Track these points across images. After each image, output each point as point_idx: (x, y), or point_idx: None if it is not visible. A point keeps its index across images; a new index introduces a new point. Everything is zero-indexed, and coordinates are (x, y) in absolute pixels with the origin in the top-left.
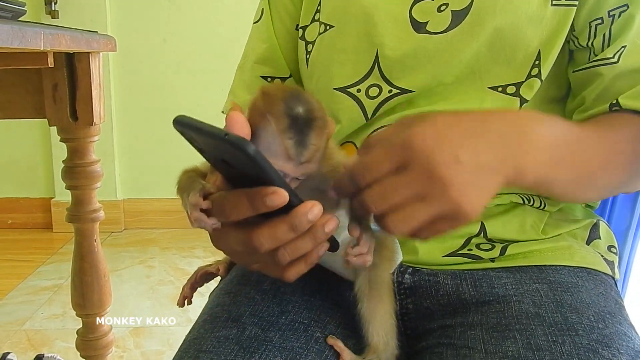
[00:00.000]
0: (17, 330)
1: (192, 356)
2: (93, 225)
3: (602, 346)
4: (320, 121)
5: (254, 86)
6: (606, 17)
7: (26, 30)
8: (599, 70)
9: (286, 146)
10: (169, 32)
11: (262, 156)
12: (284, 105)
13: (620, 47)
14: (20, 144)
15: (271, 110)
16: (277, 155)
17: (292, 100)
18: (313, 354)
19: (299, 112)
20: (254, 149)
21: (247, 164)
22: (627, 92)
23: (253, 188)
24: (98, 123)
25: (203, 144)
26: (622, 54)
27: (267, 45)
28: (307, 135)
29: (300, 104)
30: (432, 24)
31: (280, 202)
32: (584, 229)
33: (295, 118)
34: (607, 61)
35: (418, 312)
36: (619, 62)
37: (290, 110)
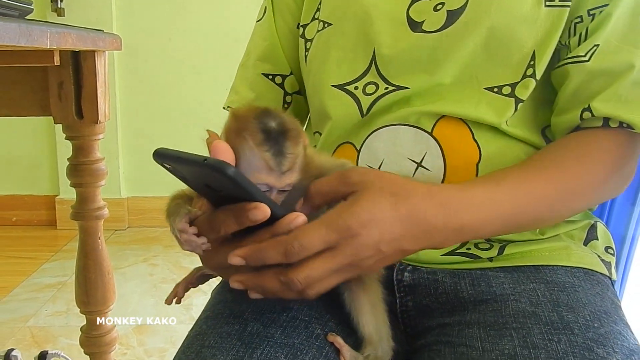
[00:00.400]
0: (21, 327)
1: (195, 351)
2: (97, 222)
3: (597, 345)
4: (294, 131)
5: (255, 83)
6: (586, 16)
7: (33, 28)
8: (568, 68)
9: (265, 159)
10: (174, 31)
11: (242, 175)
12: (256, 122)
13: (593, 45)
14: (25, 141)
15: (246, 129)
16: (259, 169)
17: (262, 116)
18: (314, 350)
19: (272, 126)
20: (233, 169)
21: (228, 185)
22: (599, 96)
23: (236, 205)
24: (103, 121)
25: (185, 172)
26: (595, 53)
27: (268, 43)
28: (283, 145)
29: (271, 119)
30: (428, 23)
31: (263, 216)
32: (581, 230)
33: (269, 131)
34: (578, 59)
35: (417, 309)
36: (589, 61)
37: (264, 125)
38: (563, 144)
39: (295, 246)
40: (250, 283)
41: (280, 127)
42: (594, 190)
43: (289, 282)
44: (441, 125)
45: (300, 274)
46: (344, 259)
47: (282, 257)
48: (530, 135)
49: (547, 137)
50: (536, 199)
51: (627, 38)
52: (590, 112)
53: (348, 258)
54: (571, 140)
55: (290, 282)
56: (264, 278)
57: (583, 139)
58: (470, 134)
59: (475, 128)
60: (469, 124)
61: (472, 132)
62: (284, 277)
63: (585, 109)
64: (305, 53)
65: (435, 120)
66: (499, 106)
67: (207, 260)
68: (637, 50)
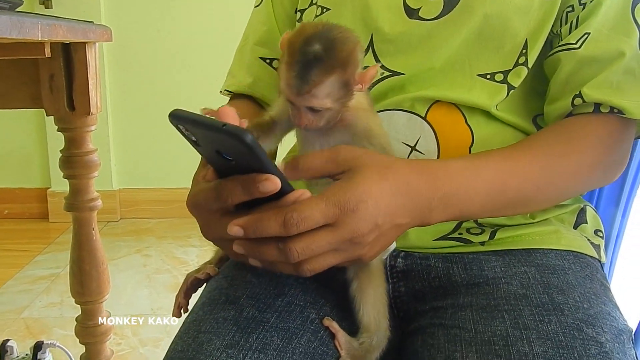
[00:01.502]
0: (15, 318)
1: (191, 337)
2: (91, 214)
3: (587, 325)
4: (332, 61)
5: (252, 67)
6: (577, 5)
7: (24, 20)
8: (559, 55)
9: (288, 78)
10: (162, 23)
11: (258, 145)
12: (303, 41)
13: (584, 33)
14: (16, 134)
15: (291, 45)
16: (285, 85)
17: (312, 38)
18: (309, 334)
19: (308, 50)
20: (250, 137)
21: (243, 154)
22: (590, 82)
23: (248, 174)
24: (95, 113)
25: (199, 137)
26: (586, 41)
27: (266, 27)
28: (309, 71)
29: (318, 42)
30: (425, 10)
31: (273, 189)
32: (571, 214)
33: (305, 54)
34: (569, 46)
35: (410, 294)
36: (580, 48)
37: (305, 46)
38: (553, 128)
39: (294, 217)
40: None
41: (316, 53)
42: (583, 173)
43: (287, 250)
44: (435, 110)
45: (299, 244)
46: (345, 234)
47: (280, 228)
48: (521, 122)
49: (538, 125)
50: (521, 176)
51: (617, 27)
52: (581, 98)
53: (347, 234)
54: (561, 125)
55: (288, 250)
56: (263, 245)
57: (573, 124)
58: (463, 118)
59: (468, 113)
60: (462, 108)
61: (464, 116)
62: (282, 245)
63: (576, 95)
64: None
65: (428, 105)
66: (491, 91)
67: (208, 232)
68: (628, 39)
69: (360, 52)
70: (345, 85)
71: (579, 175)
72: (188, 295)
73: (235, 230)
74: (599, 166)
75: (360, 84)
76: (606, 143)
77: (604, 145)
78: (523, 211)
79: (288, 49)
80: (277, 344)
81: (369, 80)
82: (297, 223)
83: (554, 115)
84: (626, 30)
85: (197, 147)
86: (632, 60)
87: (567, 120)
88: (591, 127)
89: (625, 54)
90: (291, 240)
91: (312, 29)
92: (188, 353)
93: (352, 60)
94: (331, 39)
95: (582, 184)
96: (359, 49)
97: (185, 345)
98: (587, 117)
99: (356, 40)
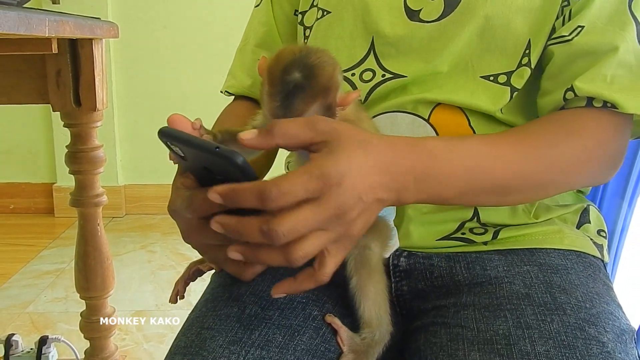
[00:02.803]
0: (20, 313)
1: (195, 333)
2: (96, 209)
3: (589, 325)
4: (313, 89)
5: (252, 69)
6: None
7: (31, 16)
8: (552, 48)
9: (272, 108)
10: (169, 19)
11: (249, 166)
12: (282, 70)
13: (577, 26)
14: (22, 129)
15: (271, 74)
16: (269, 114)
17: (291, 66)
18: (311, 331)
19: (289, 79)
20: (242, 160)
21: (233, 173)
22: (582, 75)
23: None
24: (101, 109)
25: (187, 154)
26: (579, 34)
27: (266, 29)
28: (292, 101)
29: (297, 70)
30: (425, 12)
31: None
32: (574, 214)
33: (286, 83)
34: (562, 39)
35: (413, 293)
36: (572, 41)
37: (285, 74)
38: (543, 119)
39: (273, 191)
40: (231, 226)
41: (298, 81)
42: (572, 166)
43: (271, 232)
44: (438, 112)
45: (284, 225)
46: (329, 209)
47: (257, 201)
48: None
49: None
50: (501, 160)
51: (613, 20)
52: (573, 92)
53: (333, 209)
54: (552, 116)
55: (273, 232)
56: (245, 224)
57: (564, 116)
58: (467, 121)
59: (472, 115)
60: (465, 111)
61: (468, 119)
62: (266, 226)
63: (568, 89)
64: (304, 40)
65: (432, 108)
66: (495, 94)
67: (188, 237)
68: (623, 32)
69: (339, 74)
70: (328, 109)
71: (567, 168)
72: (187, 283)
73: (215, 197)
74: (589, 160)
75: (342, 106)
76: (597, 137)
77: (595, 140)
78: (507, 201)
79: (268, 78)
80: (280, 341)
81: (350, 103)
82: (276, 197)
83: (547, 109)
84: (622, 24)
85: (182, 162)
86: (627, 54)
87: (559, 113)
88: (583, 120)
89: (619, 47)
90: (275, 220)
91: (290, 55)
92: (191, 349)
93: (333, 85)
94: (310, 65)
95: (571, 177)
96: (337, 71)
97: (189, 342)
98: (580, 110)
99: (334, 64)
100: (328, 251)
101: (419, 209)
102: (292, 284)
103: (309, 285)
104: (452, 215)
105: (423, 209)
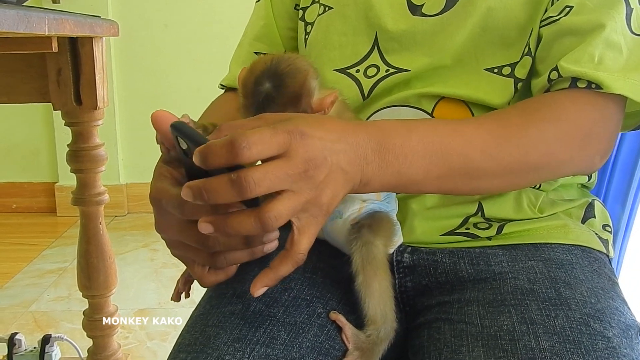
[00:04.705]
0: (23, 312)
1: (199, 330)
2: (98, 208)
3: (594, 320)
4: (283, 98)
5: (248, 61)
6: None
7: (31, 15)
8: (541, 30)
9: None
10: (170, 17)
11: None
12: (253, 81)
13: (565, 6)
14: (24, 128)
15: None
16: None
17: (261, 77)
18: (315, 328)
19: (259, 90)
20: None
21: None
22: (567, 55)
23: None
24: (102, 107)
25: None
26: (567, 14)
27: (264, 22)
28: (267, 109)
29: (267, 81)
30: (427, 6)
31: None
32: (579, 208)
33: (258, 94)
34: (550, 20)
35: (416, 289)
36: (559, 21)
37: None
38: (518, 103)
39: (241, 140)
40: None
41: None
42: (546, 151)
43: (241, 180)
44: (441, 106)
45: (254, 173)
46: (298, 162)
47: (229, 154)
48: None
49: None
50: (464, 139)
51: (602, 1)
52: (557, 71)
53: (302, 162)
54: (528, 100)
55: (243, 180)
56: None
57: (540, 99)
58: (471, 114)
59: (475, 109)
60: (469, 104)
61: (472, 112)
62: (235, 175)
63: (553, 69)
64: (305, 36)
65: (435, 102)
66: (499, 87)
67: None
68: (611, 11)
69: (312, 80)
70: None
71: (542, 152)
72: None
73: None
74: (567, 145)
75: (321, 110)
76: (576, 121)
77: (574, 124)
78: (484, 186)
79: (242, 91)
80: (284, 338)
81: (328, 105)
82: (247, 146)
83: (534, 92)
84: (611, 3)
85: (182, 157)
86: (615, 34)
87: (537, 97)
88: (560, 103)
89: (606, 25)
90: (245, 169)
91: (262, 66)
92: (195, 346)
93: (304, 92)
94: (280, 74)
95: (548, 162)
96: (311, 77)
97: (193, 339)
98: (559, 93)
99: (307, 70)
100: (299, 220)
101: (423, 203)
102: (269, 273)
103: (286, 268)
104: (456, 210)
105: (427, 203)
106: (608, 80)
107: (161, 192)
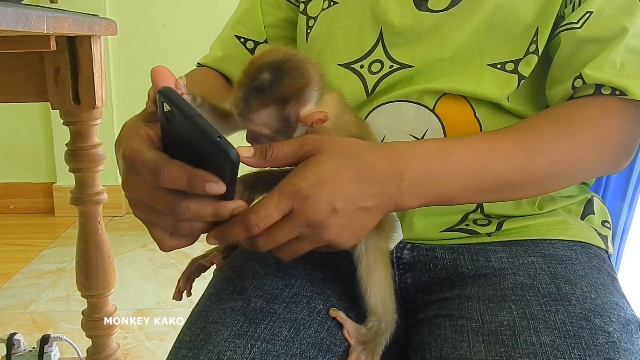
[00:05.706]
0: (22, 312)
1: (199, 327)
2: (96, 207)
3: (595, 315)
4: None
5: (226, 43)
6: None
7: (29, 13)
8: (560, 36)
9: (235, 97)
10: (168, 17)
11: (238, 163)
12: (256, 67)
13: (586, 12)
14: (22, 128)
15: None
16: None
17: (267, 66)
18: (316, 324)
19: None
20: (236, 157)
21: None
22: (591, 62)
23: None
24: (100, 106)
25: (179, 123)
26: (588, 20)
27: (248, 6)
28: (250, 97)
29: (269, 72)
30: (433, 1)
31: (216, 192)
32: (578, 205)
33: (254, 79)
34: (570, 26)
35: (416, 285)
36: (581, 29)
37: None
38: (546, 111)
39: (252, 219)
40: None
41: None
42: (575, 161)
43: (254, 244)
44: (443, 102)
45: (261, 239)
46: (299, 220)
47: (245, 232)
48: (532, 113)
49: None
50: (502, 158)
51: (622, 6)
52: (581, 79)
53: (302, 220)
54: (555, 108)
55: (256, 243)
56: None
57: (568, 106)
58: (472, 111)
59: (477, 105)
60: (471, 101)
61: (473, 109)
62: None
63: (577, 77)
64: (307, 30)
65: (437, 98)
66: (502, 82)
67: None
68: (632, 17)
69: (311, 91)
70: (285, 119)
71: (571, 162)
72: (191, 279)
73: (212, 242)
74: (595, 153)
75: (307, 124)
76: (603, 128)
77: (601, 131)
78: (515, 196)
79: (246, 66)
80: (285, 335)
81: (313, 122)
82: (257, 223)
83: (556, 100)
84: (631, 9)
85: (164, 123)
86: (635, 39)
87: (562, 106)
88: (586, 112)
89: (628, 30)
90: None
91: (273, 55)
92: (196, 343)
93: (296, 98)
94: (282, 71)
95: (577, 170)
96: (310, 87)
97: (194, 336)
98: (583, 101)
99: (309, 78)
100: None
101: None
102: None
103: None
104: (456, 206)
105: None
106: (632, 87)
107: (136, 153)
